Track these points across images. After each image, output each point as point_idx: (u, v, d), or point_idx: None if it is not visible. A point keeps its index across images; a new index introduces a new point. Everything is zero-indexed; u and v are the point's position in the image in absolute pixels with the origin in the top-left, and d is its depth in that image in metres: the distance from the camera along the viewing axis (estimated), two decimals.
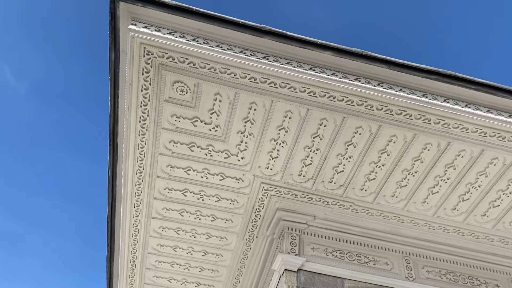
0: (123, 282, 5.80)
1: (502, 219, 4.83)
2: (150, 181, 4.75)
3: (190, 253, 5.51)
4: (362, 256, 4.89)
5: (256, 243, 5.40)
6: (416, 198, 4.75)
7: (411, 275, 4.82)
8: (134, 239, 5.29)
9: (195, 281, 5.84)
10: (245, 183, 4.81)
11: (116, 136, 4.42)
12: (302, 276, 4.57)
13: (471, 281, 4.93)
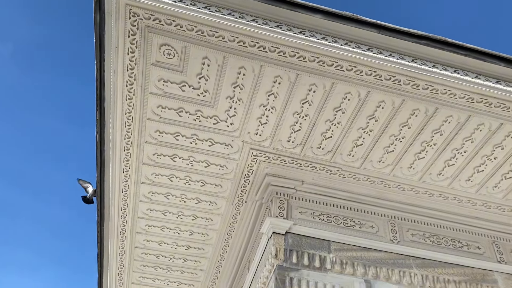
0: (113, 246, 5.88)
1: (486, 184, 4.94)
2: (138, 147, 4.74)
3: (180, 218, 5.58)
4: (349, 219, 5.00)
5: (245, 208, 5.48)
6: (402, 164, 4.82)
7: (395, 238, 4.96)
8: (123, 204, 5.33)
9: (185, 244, 5.94)
10: (234, 149, 4.82)
11: (103, 101, 4.36)
12: (290, 238, 4.68)
13: (454, 243, 5.09)
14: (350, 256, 4.68)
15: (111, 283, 6.46)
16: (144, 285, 6.50)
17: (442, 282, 4.68)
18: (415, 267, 4.74)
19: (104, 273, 6.30)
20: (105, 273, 6.30)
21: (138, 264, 6.18)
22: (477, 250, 5.10)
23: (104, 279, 6.40)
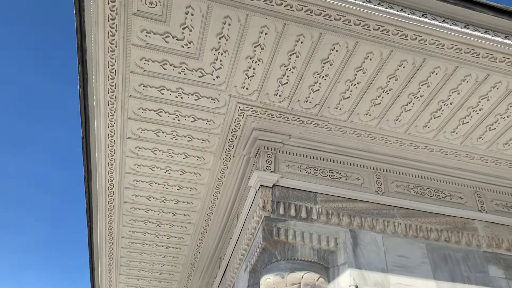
0: (102, 201, 5.91)
1: (470, 135, 5.00)
2: (123, 101, 4.66)
3: (168, 173, 5.59)
4: (335, 172, 5.07)
5: (233, 162, 5.50)
6: (389, 116, 4.83)
7: (380, 189, 5.06)
8: (110, 159, 5.31)
9: (174, 199, 5.99)
10: (221, 103, 4.77)
11: (85, 53, 4.23)
12: (277, 191, 4.74)
13: (437, 193, 5.22)
14: (336, 207, 4.77)
15: (101, 237, 6.55)
16: (134, 239, 6.61)
17: (425, 231, 4.83)
18: (399, 217, 4.87)
19: (94, 228, 6.37)
20: (95, 228, 6.37)
21: (128, 218, 6.25)
22: (459, 200, 5.25)
23: (94, 234, 6.48)
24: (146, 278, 7.43)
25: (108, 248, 6.75)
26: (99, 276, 7.39)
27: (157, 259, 7.03)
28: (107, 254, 6.87)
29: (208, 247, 6.85)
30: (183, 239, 6.73)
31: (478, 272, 4.70)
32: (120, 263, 7.01)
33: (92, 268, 7.26)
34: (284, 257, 4.48)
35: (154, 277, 7.43)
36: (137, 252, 6.87)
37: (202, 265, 7.21)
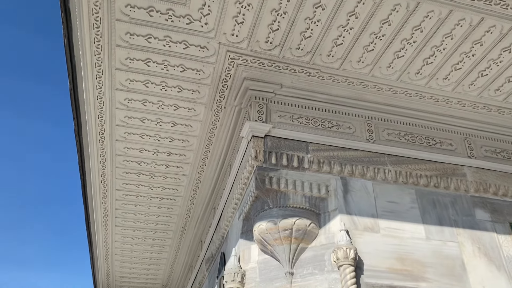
0: (94, 154, 5.90)
1: (462, 82, 4.97)
2: (109, 50, 4.53)
3: (159, 125, 5.55)
4: (326, 121, 5.06)
5: (224, 113, 5.46)
6: (381, 63, 4.77)
7: (371, 138, 5.08)
8: (100, 112, 5.24)
9: (166, 151, 6.00)
10: (210, 51, 4.66)
11: (68, 1, 4.06)
12: (269, 141, 4.74)
13: (427, 141, 5.26)
14: (327, 156, 4.81)
15: (95, 191, 6.60)
16: (128, 191, 6.67)
17: (415, 177, 4.91)
18: (389, 164, 4.93)
19: (87, 181, 6.40)
20: (88, 181, 6.40)
21: (121, 171, 6.27)
22: (449, 146, 5.30)
23: (88, 187, 6.53)
24: (141, 229, 7.58)
25: (103, 201, 6.82)
26: (95, 228, 7.52)
27: (152, 211, 7.14)
28: (101, 207, 6.95)
29: (202, 197, 6.95)
30: (177, 191, 6.81)
31: (465, 216, 4.83)
32: (115, 215, 7.11)
33: (87, 221, 7.37)
34: (276, 204, 4.56)
35: (149, 228, 7.57)
36: (131, 204, 6.96)
37: (197, 215, 7.35)
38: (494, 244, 4.70)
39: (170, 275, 9.41)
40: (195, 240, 8.02)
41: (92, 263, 8.80)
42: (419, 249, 4.43)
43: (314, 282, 4.24)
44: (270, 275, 4.55)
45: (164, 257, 8.61)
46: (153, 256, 8.54)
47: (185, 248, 8.30)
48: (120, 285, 9.84)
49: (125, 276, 9.31)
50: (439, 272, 4.33)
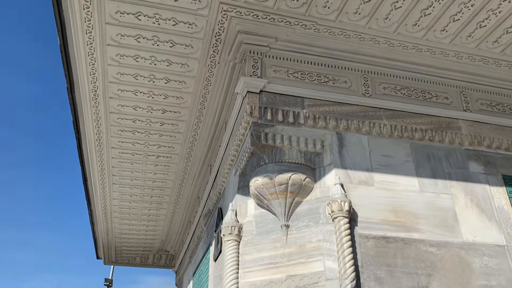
0: (88, 112, 5.85)
1: (460, 33, 4.88)
2: (99, 4, 4.38)
3: (152, 81, 5.47)
4: (322, 76, 5.00)
5: (219, 69, 5.38)
6: (378, 15, 4.65)
7: (368, 92, 5.04)
8: (92, 68, 5.14)
9: (160, 109, 5.95)
10: (203, 3, 4.52)
11: None
12: (264, 97, 4.70)
13: (423, 94, 5.23)
14: (323, 111, 4.79)
15: (91, 149, 6.60)
16: (123, 149, 6.67)
17: (410, 131, 4.92)
18: (385, 118, 4.92)
19: (82, 139, 6.38)
20: (83, 139, 6.39)
21: (116, 129, 6.24)
22: (445, 100, 5.28)
23: (84, 145, 6.52)
24: (139, 187, 7.65)
25: (99, 159, 6.84)
26: (93, 186, 7.58)
27: (149, 169, 7.17)
28: (98, 165, 6.98)
29: (198, 155, 6.97)
30: (173, 148, 6.82)
31: (459, 168, 4.89)
32: (112, 173, 7.15)
33: (85, 179, 7.43)
34: (272, 160, 4.58)
35: (147, 186, 7.64)
36: (128, 162, 6.98)
37: (194, 172, 7.40)
38: (486, 195, 4.79)
39: (169, 231, 9.60)
40: (192, 197, 8.13)
41: (92, 221, 8.95)
42: (413, 201, 4.51)
43: (309, 234, 4.34)
44: (267, 228, 4.64)
45: (162, 214, 8.75)
46: (152, 213, 8.68)
47: (183, 204, 8.43)
48: (120, 242, 10.06)
49: (124, 233, 9.49)
50: (432, 223, 4.43)
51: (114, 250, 10.44)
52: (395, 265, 4.10)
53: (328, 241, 4.20)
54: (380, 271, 4.05)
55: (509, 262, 4.41)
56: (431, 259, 4.22)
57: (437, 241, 4.33)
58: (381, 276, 4.02)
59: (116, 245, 10.17)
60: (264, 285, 4.36)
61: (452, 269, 4.22)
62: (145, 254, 10.86)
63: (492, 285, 4.25)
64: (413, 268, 4.13)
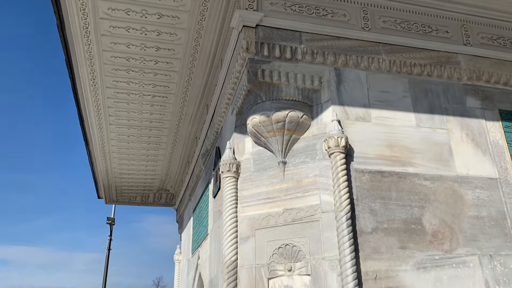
0: (80, 50, 5.70)
1: None
2: None
3: (145, 16, 5.28)
4: (321, 9, 4.84)
5: (213, 3, 5.18)
6: None
7: (367, 26, 4.91)
8: (82, 4, 4.94)
9: (154, 46, 5.79)
10: None
11: None
12: (261, 31, 4.57)
13: (423, 28, 5.10)
14: (321, 46, 4.68)
15: (85, 88, 6.51)
16: (119, 89, 6.58)
17: (408, 66, 4.85)
18: (383, 53, 4.83)
19: (76, 79, 6.28)
20: (77, 79, 6.28)
21: (109, 68, 6.11)
22: (445, 34, 5.16)
23: (78, 85, 6.42)
24: (136, 127, 7.64)
25: (94, 99, 6.77)
26: (90, 127, 7.57)
27: (145, 108, 7.12)
28: (94, 106, 6.92)
29: (194, 94, 6.90)
30: (169, 88, 6.73)
31: (456, 104, 4.88)
32: (108, 113, 7.11)
33: (81, 120, 7.40)
34: (269, 97, 4.55)
35: (144, 126, 7.63)
36: (123, 102, 6.91)
37: (190, 112, 7.37)
38: (482, 130, 4.83)
39: (168, 170, 9.74)
40: (190, 137, 8.16)
41: (91, 161, 9.04)
42: (409, 137, 4.54)
43: (306, 169, 4.41)
44: (264, 164, 4.71)
45: (160, 154, 8.83)
46: (150, 153, 8.75)
47: (181, 145, 8.48)
48: (120, 181, 10.23)
49: (124, 173, 9.62)
50: (427, 157, 4.49)
51: (115, 190, 10.65)
52: (389, 198, 4.22)
53: (324, 176, 4.27)
54: (375, 203, 4.17)
55: (500, 194, 4.54)
56: (424, 192, 4.33)
57: (431, 175, 4.42)
58: (376, 209, 4.15)
59: (117, 184, 10.36)
60: (262, 218, 4.50)
61: (444, 201, 4.35)
62: (146, 193, 11.09)
63: (483, 215, 4.40)
64: (407, 200, 4.25)
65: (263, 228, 4.47)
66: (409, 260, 4.02)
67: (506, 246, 4.31)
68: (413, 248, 4.07)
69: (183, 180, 9.71)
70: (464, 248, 4.20)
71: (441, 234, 4.20)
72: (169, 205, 11.72)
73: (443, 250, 4.14)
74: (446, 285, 4.00)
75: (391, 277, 3.91)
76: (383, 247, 4.01)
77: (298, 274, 4.16)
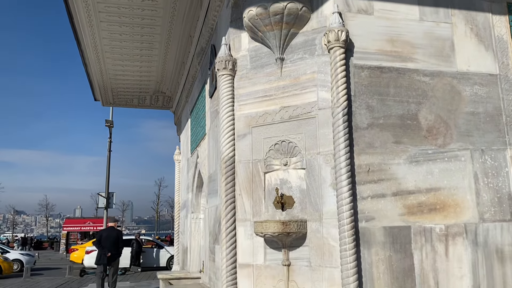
0: None
1: None
2: None
3: None
4: None
5: None
6: None
7: None
8: None
9: None
10: None
11: None
12: None
13: None
14: None
15: None
16: None
17: None
18: None
19: None
20: None
21: None
22: None
23: None
24: (128, 25, 7.30)
25: None
26: (80, 25, 7.24)
27: (135, 3, 6.72)
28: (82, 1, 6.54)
29: None
30: None
31: None
32: (98, 9, 6.74)
33: (70, 17, 7.05)
34: None
35: (136, 23, 7.29)
36: None
37: (183, 8, 7.01)
38: (487, 24, 4.64)
39: (163, 72, 9.56)
40: (184, 35, 7.87)
41: (84, 62, 8.81)
42: (411, 31, 4.38)
43: (304, 66, 4.32)
44: (261, 61, 4.60)
45: (155, 54, 8.58)
46: (144, 53, 8.49)
47: (175, 44, 8.20)
48: (115, 83, 10.09)
49: (119, 74, 9.44)
50: (428, 52, 4.37)
51: (111, 92, 10.56)
52: (387, 94, 4.19)
53: (323, 72, 4.20)
54: (372, 100, 4.15)
55: (498, 91, 4.51)
56: (423, 88, 4.29)
57: (431, 71, 4.35)
58: (373, 105, 4.14)
59: (112, 86, 10.24)
60: (259, 116, 4.52)
61: (442, 97, 4.33)
62: (142, 95, 11.01)
63: (479, 112, 4.42)
64: (405, 97, 4.23)
65: (259, 125, 4.50)
66: (402, 154, 4.12)
67: (498, 141, 4.39)
68: (407, 143, 4.15)
69: (179, 82, 9.59)
70: (457, 143, 4.28)
71: (435, 130, 4.25)
72: (166, 108, 11.73)
73: (436, 145, 4.22)
74: (436, 178, 4.15)
75: (383, 170, 4.05)
76: (378, 142, 4.08)
77: (294, 168, 4.29)
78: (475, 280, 4.04)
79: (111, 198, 18.37)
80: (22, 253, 21.49)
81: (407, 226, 4.00)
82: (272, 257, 4.19)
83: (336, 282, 3.79)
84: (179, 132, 11.06)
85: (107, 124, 18.74)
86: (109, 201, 18.13)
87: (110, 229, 10.44)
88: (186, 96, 8.99)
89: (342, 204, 3.78)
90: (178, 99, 10.24)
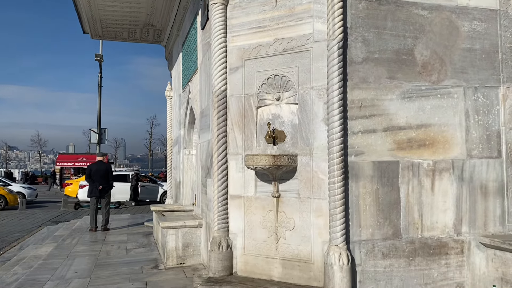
0: None
1: None
2: None
3: None
4: None
5: None
6: None
7: None
8: None
9: None
10: None
11: None
12: None
13: None
14: None
15: None
16: None
17: None
18: None
19: None
20: None
21: None
22: None
23: None
24: None
25: None
26: None
27: None
28: None
29: None
30: None
31: None
32: None
33: None
34: None
35: None
36: None
37: None
38: None
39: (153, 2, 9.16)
40: None
41: None
42: None
43: None
44: None
45: None
46: None
47: None
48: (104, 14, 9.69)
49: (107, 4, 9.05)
50: None
51: (100, 24, 10.17)
52: (384, 28, 4.08)
53: (319, 2, 4.04)
54: (368, 33, 4.05)
55: (497, 27, 4.41)
56: (420, 22, 4.18)
57: (430, 4, 4.21)
58: (369, 38, 4.04)
59: (101, 18, 9.84)
60: (252, 48, 4.40)
61: (439, 32, 4.23)
62: (132, 28, 10.63)
63: (475, 48, 4.34)
64: (402, 31, 4.12)
65: (253, 58, 4.41)
66: (395, 90, 4.09)
67: (492, 78, 4.36)
68: (401, 78, 4.11)
69: (170, 14, 9.23)
70: (451, 80, 4.25)
71: (430, 66, 4.19)
72: (157, 42, 11.39)
73: (430, 81, 4.18)
74: (428, 114, 4.16)
75: (375, 106, 4.04)
76: (372, 77, 4.03)
77: (286, 103, 4.27)
78: (458, 214, 4.19)
79: (103, 133, 18.37)
80: (24, 186, 21.78)
81: (395, 161, 4.06)
82: (263, 189, 4.28)
83: (323, 212, 3.91)
84: (171, 67, 10.84)
85: (97, 59, 18.28)
86: (101, 136, 18.14)
87: (99, 163, 10.46)
88: (177, 29, 8.70)
89: (333, 138, 3.80)
90: (169, 33, 9.92)
